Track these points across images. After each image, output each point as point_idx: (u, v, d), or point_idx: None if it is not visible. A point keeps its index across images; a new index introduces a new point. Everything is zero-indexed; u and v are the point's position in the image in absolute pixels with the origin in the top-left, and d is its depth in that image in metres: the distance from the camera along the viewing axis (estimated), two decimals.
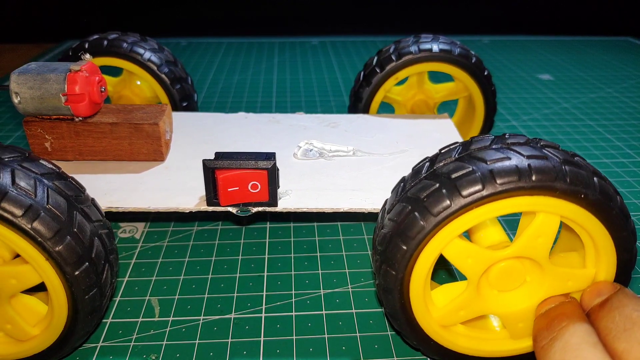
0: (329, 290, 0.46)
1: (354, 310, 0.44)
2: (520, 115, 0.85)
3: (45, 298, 0.37)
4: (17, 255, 0.34)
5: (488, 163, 0.31)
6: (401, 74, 0.58)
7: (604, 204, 0.31)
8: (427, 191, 0.31)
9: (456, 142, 0.35)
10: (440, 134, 0.55)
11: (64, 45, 1.21)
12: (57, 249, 0.31)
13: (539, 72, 1.07)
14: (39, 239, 0.31)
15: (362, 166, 0.47)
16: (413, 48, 0.57)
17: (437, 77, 0.64)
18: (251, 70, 1.05)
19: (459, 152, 0.33)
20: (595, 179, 0.31)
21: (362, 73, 0.61)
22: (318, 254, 0.50)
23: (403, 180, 0.35)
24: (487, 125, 0.62)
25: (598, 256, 0.33)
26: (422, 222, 0.31)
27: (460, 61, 0.57)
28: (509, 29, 1.39)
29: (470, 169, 0.31)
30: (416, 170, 0.34)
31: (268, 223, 0.55)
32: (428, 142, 0.53)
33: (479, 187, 0.30)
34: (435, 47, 0.57)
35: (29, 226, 0.31)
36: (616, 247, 0.33)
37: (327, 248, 0.51)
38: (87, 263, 0.33)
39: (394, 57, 0.58)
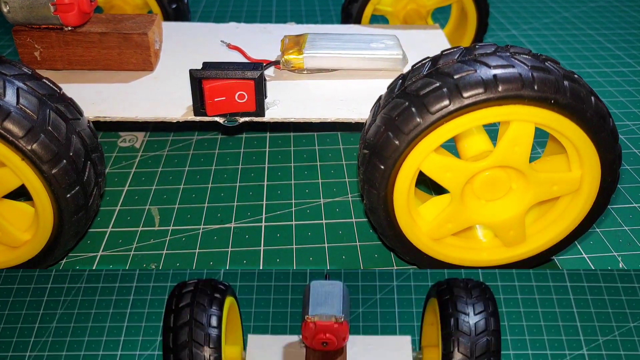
0: (329, 200, 0.46)
1: (353, 220, 0.44)
2: (520, 24, 0.84)
3: (32, 204, 0.37)
4: None
5: (454, 77, 0.31)
6: None
7: (577, 107, 0.31)
8: (398, 110, 0.32)
9: (427, 58, 0.34)
10: (430, 44, 0.54)
11: None
12: (30, 147, 0.31)
13: None
14: (11, 139, 0.31)
15: (351, 76, 0.47)
16: None
17: None
18: None
19: (428, 68, 0.33)
20: (565, 82, 0.31)
21: None
22: (318, 163, 0.50)
23: (379, 99, 0.35)
24: (481, 29, 0.61)
25: (581, 159, 0.33)
26: (395, 141, 0.32)
27: None
28: None
29: (437, 84, 0.31)
30: (390, 88, 0.34)
31: (268, 132, 0.54)
32: (417, 52, 0.52)
33: (446, 102, 0.30)
34: None
35: None
36: (597, 148, 0.32)
37: (327, 157, 0.51)
38: (64, 161, 0.33)
39: None
